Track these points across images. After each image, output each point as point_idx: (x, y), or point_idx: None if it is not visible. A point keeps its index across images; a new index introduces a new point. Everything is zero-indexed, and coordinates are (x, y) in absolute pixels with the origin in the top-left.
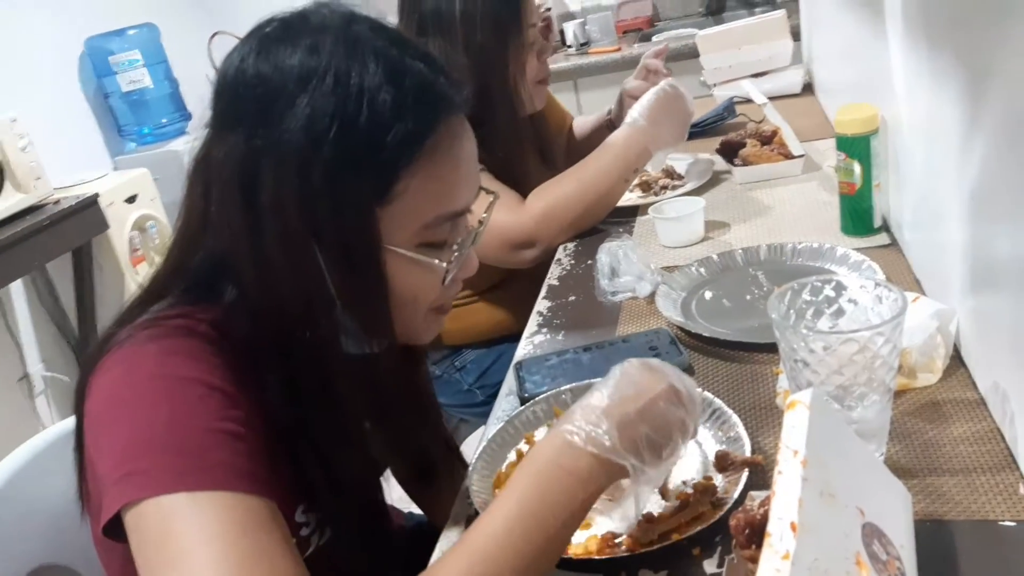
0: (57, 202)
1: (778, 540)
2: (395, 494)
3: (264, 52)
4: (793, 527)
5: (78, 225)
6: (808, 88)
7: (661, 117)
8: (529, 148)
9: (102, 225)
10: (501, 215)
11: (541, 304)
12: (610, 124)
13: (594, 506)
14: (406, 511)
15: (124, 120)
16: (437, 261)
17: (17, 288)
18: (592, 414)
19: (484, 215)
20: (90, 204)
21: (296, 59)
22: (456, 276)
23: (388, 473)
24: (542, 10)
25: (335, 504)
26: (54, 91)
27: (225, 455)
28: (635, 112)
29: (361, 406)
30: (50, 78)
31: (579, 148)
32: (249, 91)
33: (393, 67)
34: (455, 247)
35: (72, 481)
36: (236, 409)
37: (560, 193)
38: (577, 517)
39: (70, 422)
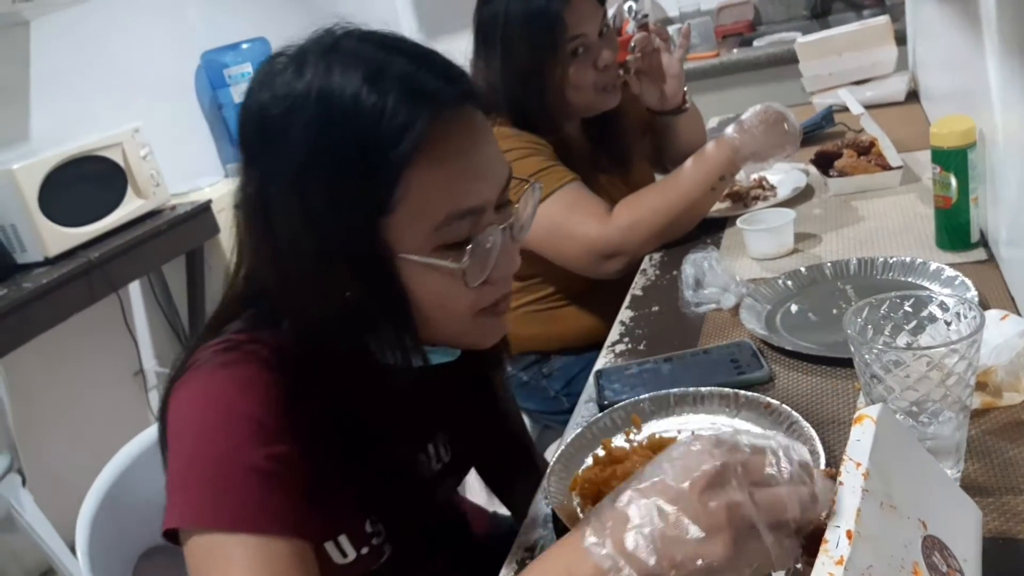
0: (174, 208)
1: (834, 546)
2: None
3: (264, 85)
4: (849, 535)
5: (192, 229)
6: (913, 95)
7: (754, 129)
8: (584, 154)
9: (213, 229)
10: (588, 225)
11: (624, 314)
12: None
13: None
14: (491, 511)
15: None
16: (450, 263)
17: (135, 288)
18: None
19: (517, 205)
20: (204, 210)
21: (286, 85)
22: (493, 276)
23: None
24: (639, 16)
25: (397, 514)
26: (173, 103)
27: (263, 496)
28: (735, 123)
29: (419, 416)
30: (170, 91)
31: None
32: (253, 125)
33: (373, 69)
34: (473, 245)
35: None
36: (283, 444)
37: (647, 204)
38: None
39: None
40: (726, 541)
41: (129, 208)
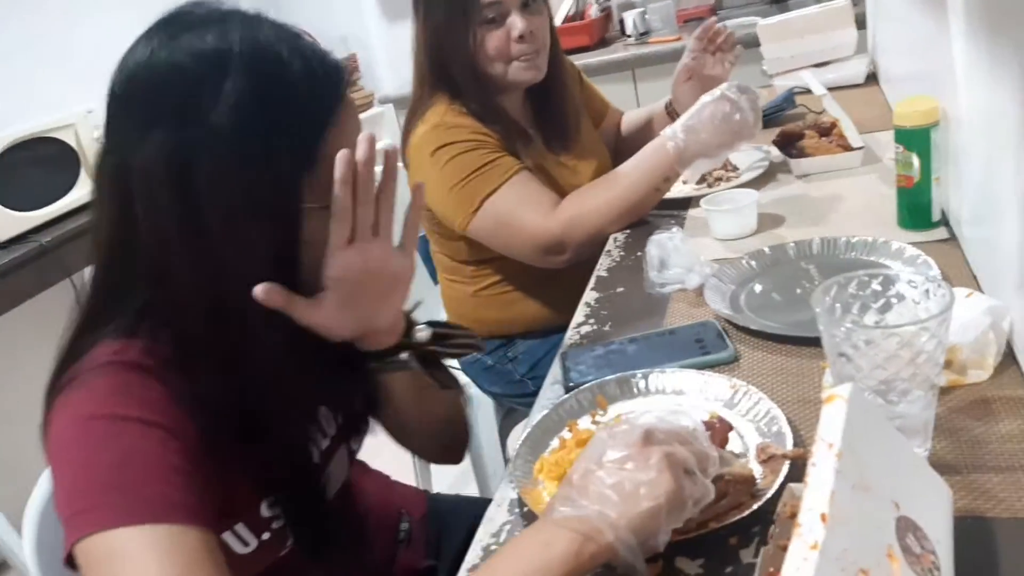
0: None
1: (808, 530)
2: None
3: (174, 42)
4: (823, 518)
5: None
6: (872, 78)
7: (701, 127)
8: (517, 125)
9: None
10: (534, 220)
11: (589, 295)
12: (670, 115)
13: None
14: (426, 490)
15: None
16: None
17: (89, 273)
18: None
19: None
20: None
21: (208, 44)
22: None
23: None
24: (602, 0)
25: (294, 491)
26: None
27: (162, 488)
28: (680, 120)
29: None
30: None
31: (629, 142)
32: (167, 84)
33: (295, 44)
34: None
35: None
36: (173, 440)
37: (590, 201)
38: None
39: None
40: (671, 478)
41: (82, 191)
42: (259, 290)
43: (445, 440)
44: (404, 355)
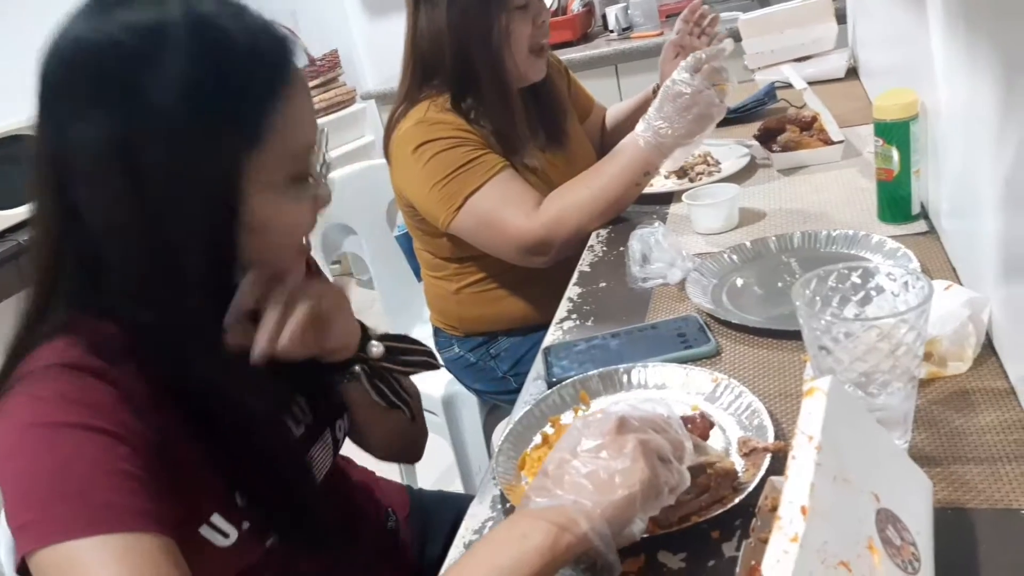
0: None
1: (788, 523)
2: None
3: (108, 17)
4: (803, 510)
5: None
6: (853, 72)
7: (669, 123)
8: (523, 120)
9: None
10: (517, 220)
11: (572, 290)
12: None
13: None
14: (407, 485)
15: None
16: (310, 182)
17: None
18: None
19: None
20: None
21: (146, 18)
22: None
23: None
24: None
25: (269, 490)
26: None
27: (109, 496)
28: (648, 115)
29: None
30: None
31: (617, 136)
32: (105, 62)
33: (239, 18)
34: (313, 177)
35: None
36: (120, 444)
37: (572, 200)
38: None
39: None
40: (646, 466)
41: None
42: (231, 340)
43: (400, 444)
44: (356, 368)
